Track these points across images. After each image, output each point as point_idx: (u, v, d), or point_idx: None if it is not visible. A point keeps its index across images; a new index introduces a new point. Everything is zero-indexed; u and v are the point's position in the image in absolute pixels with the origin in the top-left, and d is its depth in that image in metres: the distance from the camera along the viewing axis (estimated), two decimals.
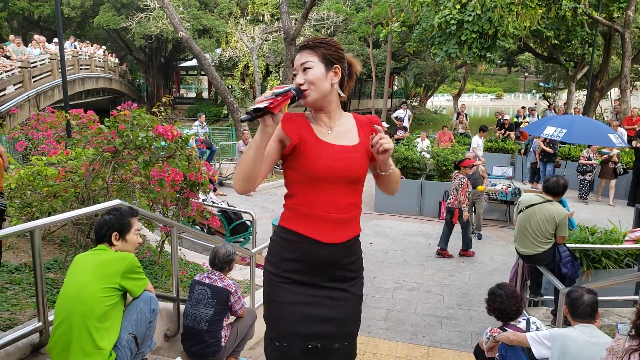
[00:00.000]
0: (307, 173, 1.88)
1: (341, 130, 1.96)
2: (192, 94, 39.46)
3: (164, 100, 4.86)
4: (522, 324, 3.35)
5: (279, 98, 1.67)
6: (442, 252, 7.56)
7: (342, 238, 1.91)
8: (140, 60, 35.53)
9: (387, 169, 1.94)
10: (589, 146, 11.00)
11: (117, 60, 29.00)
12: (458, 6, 12.61)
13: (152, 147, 4.21)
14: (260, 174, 1.83)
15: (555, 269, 4.82)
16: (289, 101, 1.75)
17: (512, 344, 3.20)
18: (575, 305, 3.06)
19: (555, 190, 4.88)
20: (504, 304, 3.39)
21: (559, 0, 13.74)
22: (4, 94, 14.43)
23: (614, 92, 25.72)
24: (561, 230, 4.76)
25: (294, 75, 1.92)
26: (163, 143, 4.18)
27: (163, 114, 4.58)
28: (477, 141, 11.25)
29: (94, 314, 2.26)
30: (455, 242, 7.73)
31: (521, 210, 5.01)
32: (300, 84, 1.87)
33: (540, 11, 12.94)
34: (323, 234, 1.89)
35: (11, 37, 16.12)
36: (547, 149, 11.63)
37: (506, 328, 3.36)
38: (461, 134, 14.74)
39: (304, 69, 1.88)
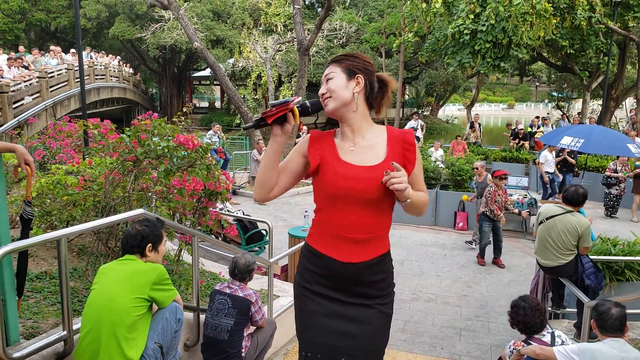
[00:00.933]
0: (324, 192, 1.90)
1: (365, 145, 1.92)
2: (205, 104, 39.73)
3: (184, 110, 4.89)
4: (547, 337, 3.28)
5: (274, 109, 1.75)
6: (495, 261, 7.69)
7: (361, 258, 1.89)
8: (154, 70, 35.94)
9: (403, 200, 1.84)
10: (617, 157, 10.72)
11: (131, 70, 29.36)
12: (472, 16, 12.60)
13: (172, 156, 4.23)
14: (275, 182, 1.89)
15: (578, 281, 4.73)
16: (291, 113, 1.81)
17: (539, 357, 3.13)
18: (604, 319, 3.00)
19: (575, 200, 4.79)
20: (527, 317, 3.33)
21: (574, 10, 13.68)
22: (22, 104, 14.66)
23: (628, 102, 25.50)
24: (584, 241, 4.68)
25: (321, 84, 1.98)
26: (184, 152, 4.19)
27: (183, 123, 4.60)
28: (547, 156, 11.09)
29: (123, 323, 2.26)
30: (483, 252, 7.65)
31: (541, 222, 4.94)
32: (322, 94, 1.91)
33: (555, 21, 12.89)
34: (341, 254, 1.89)
35: (21, 48, 16.35)
36: (571, 159, 11.45)
37: (530, 341, 3.29)
38: (473, 143, 14.68)
39: (327, 80, 1.92)
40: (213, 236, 7.01)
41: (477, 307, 6.10)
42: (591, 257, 4.96)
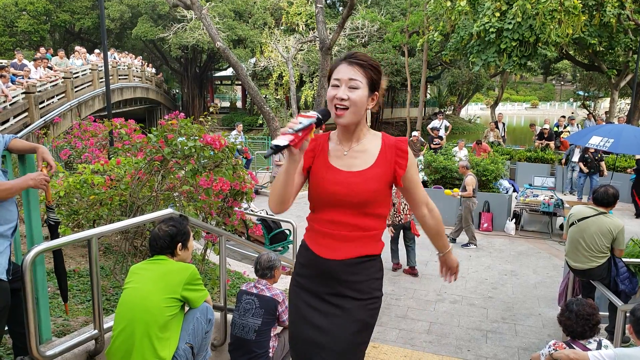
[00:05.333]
0: (312, 193, 1.99)
1: (359, 150, 1.98)
2: (226, 104, 40.00)
3: (210, 109, 4.92)
4: (593, 345, 3.17)
5: (300, 134, 1.71)
6: (396, 266, 7.22)
7: (341, 255, 1.95)
8: (176, 70, 36.32)
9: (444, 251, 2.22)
10: None
11: (153, 71, 29.67)
12: (498, 14, 12.41)
13: (199, 156, 4.26)
14: (292, 195, 1.95)
15: (611, 285, 4.61)
16: (312, 132, 1.80)
17: None
18: None
19: (606, 201, 4.68)
20: (570, 321, 3.23)
21: (603, 6, 13.37)
22: (49, 104, 14.96)
23: None
24: (619, 243, 4.57)
25: (335, 85, 1.88)
26: (211, 152, 4.21)
27: (210, 123, 4.63)
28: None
29: (156, 323, 2.27)
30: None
31: (572, 224, 4.83)
32: (341, 99, 1.86)
33: (584, 18, 12.60)
34: (321, 250, 1.98)
35: (42, 50, 16.54)
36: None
37: (573, 345, 3.20)
38: (491, 142, 14.46)
39: (351, 87, 1.86)
40: (236, 235, 7.06)
41: (504, 309, 6.00)
42: (623, 260, 4.84)
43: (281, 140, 1.69)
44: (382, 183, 1.94)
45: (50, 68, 15.80)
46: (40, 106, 14.25)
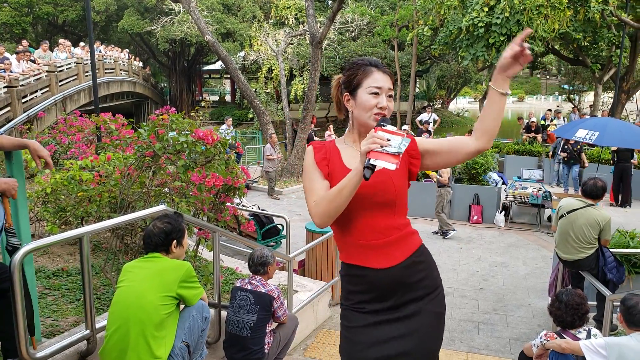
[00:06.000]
0: None
1: None
2: (215, 98, 39.70)
3: (202, 104, 4.83)
4: (582, 335, 3.21)
5: (400, 156, 1.61)
6: None
7: (395, 261, 1.86)
8: (164, 64, 35.92)
9: (505, 89, 1.80)
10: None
11: (140, 64, 29.30)
12: (486, 9, 12.44)
13: (191, 151, 4.19)
14: None
15: (599, 274, 4.68)
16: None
17: (564, 352, 3.07)
18: (632, 314, 2.99)
19: (595, 193, 4.76)
20: (560, 311, 3.26)
21: (588, 2, 13.47)
22: (32, 98, 14.65)
23: (639, 94, 25.12)
24: (606, 233, 4.67)
25: (375, 93, 1.85)
26: (202, 148, 4.14)
27: (201, 118, 4.55)
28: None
29: (151, 322, 2.22)
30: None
31: (562, 216, 4.87)
32: (381, 107, 1.85)
33: (569, 13, 12.68)
34: (374, 261, 1.85)
35: (24, 42, 15.97)
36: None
37: (564, 335, 3.22)
38: None
39: (389, 96, 1.88)
40: (228, 231, 7.00)
41: (495, 300, 6.04)
42: (610, 250, 4.90)
43: (387, 164, 1.58)
44: (402, 178, 1.90)
45: (34, 61, 15.44)
46: (23, 100, 13.94)
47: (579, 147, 11.46)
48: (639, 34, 16.74)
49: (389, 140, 1.60)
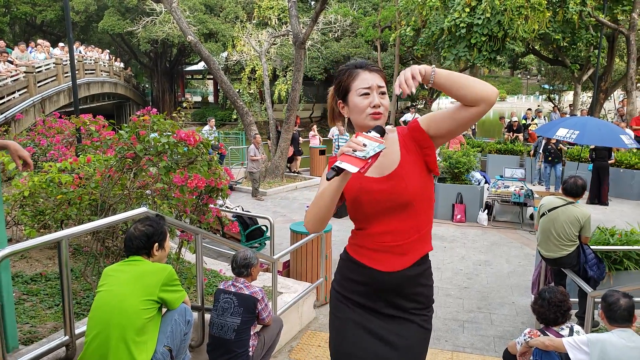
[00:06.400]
0: (355, 210, 1.90)
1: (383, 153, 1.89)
2: (198, 98, 39.45)
3: (184, 104, 4.78)
4: (565, 332, 3.25)
5: (370, 160, 1.59)
6: None
7: (402, 265, 1.85)
8: (145, 65, 35.54)
9: (426, 81, 1.69)
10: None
11: (121, 65, 28.98)
12: (467, 9, 12.57)
13: (172, 152, 4.13)
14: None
15: (580, 272, 4.73)
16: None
17: (548, 349, 3.10)
18: (612, 310, 3.03)
19: (575, 191, 4.82)
20: (543, 309, 3.29)
21: (566, 3, 13.71)
22: (10, 99, 14.35)
23: (616, 94, 25.62)
24: (586, 230, 4.72)
25: (365, 94, 1.82)
26: (184, 149, 4.09)
27: (184, 119, 4.49)
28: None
29: (132, 326, 2.17)
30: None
31: (543, 214, 4.92)
32: (376, 105, 1.81)
33: (548, 14, 12.90)
34: (378, 263, 1.86)
35: (1, 43, 15.63)
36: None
37: (547, 332, 3.25)
38: (463, 135, 14.67)
39: (381, 93, 1.84)
40: (211, 232, 6.93)
41: (479, 298, 6.07)
42: (591, 247, 4.96)
43: (349, 166, 1.57)
44: (418, 177, 1.84)
45: (11, 62, 15.12)
46: (0, 102, 13.67)
47: (560, 146, 11.63)
48: (616, 35, 17.08)
49: (364, 145, 1.60)
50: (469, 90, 1.69)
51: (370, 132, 1.67)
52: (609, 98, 21.49)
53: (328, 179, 1.60)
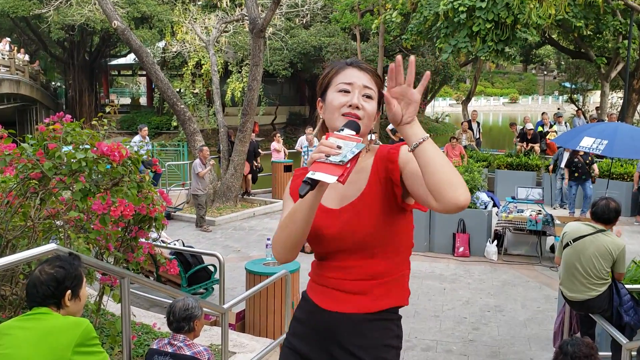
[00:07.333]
0: (309, 238, 1.95)
1: (354, 172, 1.89)
2: (126, 100, 39.30)
3: (107, 109, 4.76)
4: None
5: (349, 165, 1.61)
6: None
7: (347, 308, 1.91)
8: (58, 57, 35.27)
9: (413, 141, 1.67)
10: None
11: (26, 58, 28.68)
12: None
13: (91, 171, 4.11)
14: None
15: (614, 317, 4.82)
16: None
17: None
18: None
19: (607, 216, 4.90)
20: None
21: None
22: None
23: None
24: (620, 265, 4.81)
25: (345, 91, 1.88)
26: (107, 166, 4.07)
27: (106, 127, 4.48)
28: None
29: None
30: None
31: (567, 244, 5.01)
32: (358, 107, 1.85)
33: None
34: (323, 299, 1.96)
35: None
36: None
37: None
38: (465, 146, 14.97)
39: (365, 95, 1.88)
40: (142, 275, 6.84)
41: (488, 354, 6.13)
42: (626, 286, 5.07)
43: (325, 176, 1.57)
44: (381, 211, 1.87)
45: None
46: None
47: (590, 158, 11.81)
48: None
49: (339, 147, 1.61)
50: (437, 177, 1.66)
51: (342, 130, 1.70)
52: None
53: (301, 196, 1.61)
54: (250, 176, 13.86)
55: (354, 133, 1.69)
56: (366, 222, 1.86)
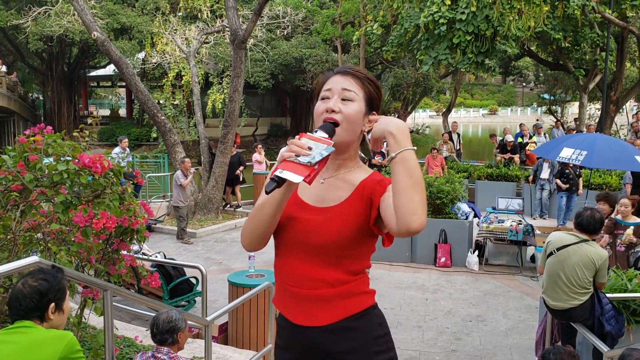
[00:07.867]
0: (275, 234, 2.00)
1: (339, 179, 1.98)
2: (106, 112, 39.00)
3: (89, 121, 4.74)
4: None
5: (317, 167, 1.66)
6: None
7: (321, 321, 1.92)
8: (36, 69, 34.93)
9: (395, 150, 1.72)
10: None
11: (4, 69, 28.39)
12: (448, 2, 13.01)
13: (73, 183, 4.09)
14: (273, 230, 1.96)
15: (595, 326, 4.89)
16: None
17: None
18: None
19: (592, 227, 4.99)
20: None
21: None
22: None
23: (628, 106, 27.04)
24: (601, 275, 4.88)
25: (325, 98, 1.94)
26: (89, 178, 4.05)
27: (87, 139, 4.46)
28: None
29: None
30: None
31: (551, 254, 5.08)
32: (334, 111, 1.89)
33: (546, 9, 13.53)
34: (295, 315, 1.96)
35: None
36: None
37: None
38: (445, 157, 15.10)
39: (344, 98, 1.91)
40: (124, 288, 6.79)
41: None
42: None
43: (292, 175, 1.62)
44: (352, 221, 1.90)
45: None
46: None
47: (578, 170, 12.00)
48: (626, 34, 18.05)
49: (310, 148, 1.66)
50: (412, 186, 1.70)
51: (316, 131, 1.74)
52: (621, 110, 22.61)
53: (267, 192, 1.68)
54: (238, 188, 13.83)
55: (326, 136, 1.74)
56: (334, 229, 1.89)
